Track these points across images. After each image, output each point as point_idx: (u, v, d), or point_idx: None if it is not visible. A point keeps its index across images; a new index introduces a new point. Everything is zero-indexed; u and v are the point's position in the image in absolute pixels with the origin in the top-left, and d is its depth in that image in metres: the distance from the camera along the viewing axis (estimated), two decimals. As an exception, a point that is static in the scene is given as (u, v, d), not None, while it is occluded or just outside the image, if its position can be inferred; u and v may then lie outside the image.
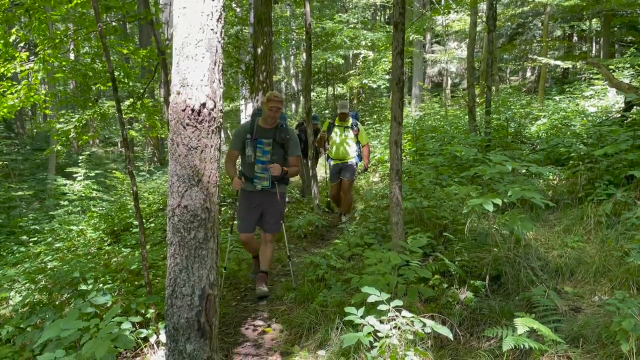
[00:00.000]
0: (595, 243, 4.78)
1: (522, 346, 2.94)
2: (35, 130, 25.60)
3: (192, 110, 1.58)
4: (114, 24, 6.60)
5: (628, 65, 12.07)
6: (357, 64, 19.15)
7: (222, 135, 2.02)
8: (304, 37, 11.70)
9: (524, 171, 6.09)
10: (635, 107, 7.45)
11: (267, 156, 4.76)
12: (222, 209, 8.72)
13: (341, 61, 18.12)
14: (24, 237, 9.09)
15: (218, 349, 1.75)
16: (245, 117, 15.77)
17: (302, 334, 4.01)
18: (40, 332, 3.07)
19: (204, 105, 1.58)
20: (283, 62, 30.01)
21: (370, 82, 16.96)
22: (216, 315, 1.69)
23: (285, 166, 4.88)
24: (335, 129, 7.86)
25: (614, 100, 11.23)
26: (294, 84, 30.18)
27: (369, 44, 17.30)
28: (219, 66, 1.62)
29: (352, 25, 18.80)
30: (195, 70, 1.58)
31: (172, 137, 1.61)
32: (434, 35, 25.35)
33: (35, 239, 8.90)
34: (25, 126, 26.42)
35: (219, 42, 1.62)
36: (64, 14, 7.28)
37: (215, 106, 1.62)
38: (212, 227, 1.64)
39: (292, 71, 29.77)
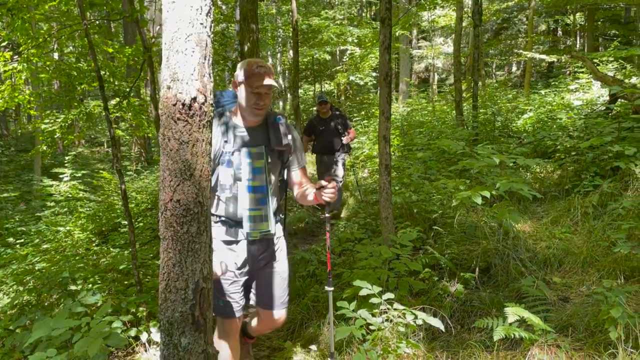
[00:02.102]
0: (582, 234, 4.85)
1: (512, 336, 2.98)
2: (19, 131, 25.30)
3: (183, 104, 1.58)
4: (98, 22, 6.54)
5: (612, 59, 12.21)
6: (344, 60, 19.17)
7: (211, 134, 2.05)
8: (291, 34, 11.69)
9: (511, 164, 6.15)
10: (619, 99, 7.54)
11: (260, 177, 2.68)
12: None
13: (328, 58, 18.12)
14: (11, 239, 8.97)
15: (213, 343, 1.76)
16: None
17: (294, 330, 4.02)
18: (30, 333, 3.05)
19: (194, 99, 1.59)
20: (270, 60, 29.94)
21: (358, 79, 17.00)
22: (210, 308, 1.70)
23: (289, 186, 2.95)
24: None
25: (599, 93, 11.37)
26: (281, 81, 30.12)
27: (356, 41, 17.32)
28: (209, 60, 1.62)
29: (338, 22, 18.82)
30: (186, 65, 1.58)
31: (163, 131, 1.60)
32: (420, 31, 25.45)
33: (22, 240, 8.80)
34: (9, 127, 26.09)
35: (209, 36, 1.62)
36: (47, 12, 7.19)
37: (206, 100, 1.62)
38: (204, 221, 1.64)
39: (279, 68, 29.72)
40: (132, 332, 3.63)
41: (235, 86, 2.65)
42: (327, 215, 2.64)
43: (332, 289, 2.76)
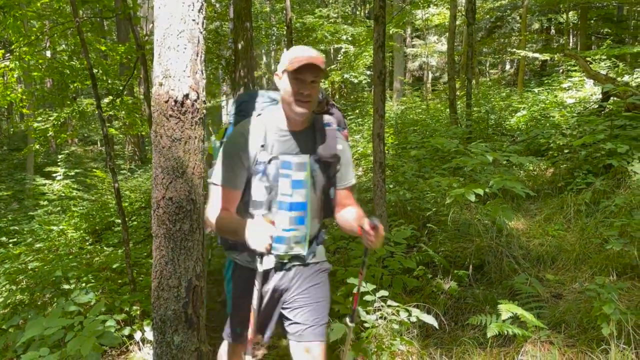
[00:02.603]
0: (575, 231, 4.87)
1: (505, 333, 3.00)
2: (12, 130, 25.13)
3: (175, 101, 1.58)
4: (90, 19, 6.50)
5: (604, 57, 12.26)
6: (338, 58, 19.17)
7: (204, 132, 1.90)
8: (285, 32, 11.68)
9: (504, 162, 6.17)
10: (612, 97, 7.58)
11: (301, 192, 2.23)
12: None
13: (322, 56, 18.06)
14: (3, 238, 8.92)
15: (206, 341, 1.75)
16: (227, 113, 15.31)
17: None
18: (23, 333, 3.03)
19: (187, 96, 1.58)
20: (264, 58, 29.89)
21: (352, 77, 16.98)
22: (203, 306, 1.69)
23: (332, 207, 2.44)
24: None
25: (592, 91, 11.41)
26: (275, 80, 30.06)
27: (350, 39, 17.30)
28: (201, 57, 1.62)
29: (332, 20, 18.78)
30: (178, 61, 1.57)
31: (155, 128, 1.60)
32: (414, 29, 25.46)
33: (15, 239, 8.75)
34: (1, 126, 25.92)
35: (201, 33, 1.62)
36: (39, 9, 7.15)
37: (198, 97, 1.61)
38: (197, 219, 1.64)
39: (273, 67, 29.67)
40: (126, 331, 3.62)
41: (279, 79, 2.21)
42: (364, 259, 2.34)
43: (353, 325, 2.45)
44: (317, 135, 2.26)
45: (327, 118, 2.32)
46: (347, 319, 2.42)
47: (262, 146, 2.16)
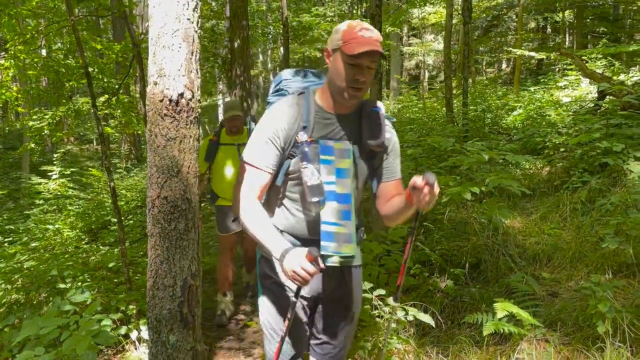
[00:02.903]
0: (571, 230, 4.89)
1: (502, 331, 3.00)
2: (7, 129, 25.03)
3: (170, 100, 1.57)
4: (86, 17, 6.48)
5: (600, 56, 12.29)
6: (335, 57, 19.13)
7: (200, 130, 1.82)
8: (281, 31, 11.66)
9: (500, 161, 6.18)
10: (607, 96, 7.60)
11: (344, 183, 1.99)
12: (202, 204, 8.66)
13: (319, 55, 18.08)
14: (-1, 238, 8.89)
15: (201, 340, 1.75)
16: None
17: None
18: (18, 332, 3.02)
19: (181, 95, 1.57)
20: (260, 57, 29.84)
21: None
22: (198, 305, 1.69)
23: (376, 202, 2.19)
24: (222, 150, 4.49)
25: (587, 90, 11.44)
26: (271, 78, 30.06)
27: (346, 37, 17.28)
28: (196, 56, 1.61)
29: (329, 19, 18.78)
30: (172, 60, 1.56)
31: (150, 128, 1.59)
32: (411, 28, 25.46)
33: (11, 239, 8.72)
34: (-4, 125, 25.81)
35: (196, 31, 1.61)
36: (34, 8, 7.12)
37: (193, 96, 1.61)
38: (192, 218, 1.63)
39: (269, 65, 29.64)
40: (122, 330, 3.61)
41: (328, 55, 1.94)
42: (414, 224, 2.02)
43: (397, 304, 2.20)
44: (363, 121, 2.01)
45: (375, 101, 2.06)
46: (392, 299, 2.16)
47: (304, 128, 1.93)
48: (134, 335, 3.63)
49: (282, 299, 2.01)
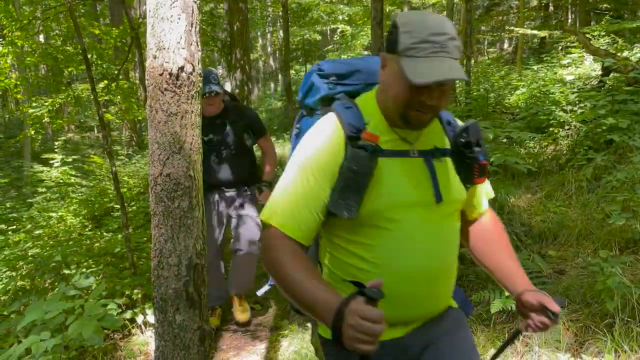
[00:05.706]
0: (576, 207, 4.85)
1: (509, 308, 2.98)
2: (7, 117, 24.96)
3: (170, 74, 1.52)
4: (82, 0, 6.40)
5: (603, 33, 12.12)
6: (335, 39, 18.98)
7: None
8: (281, 13, 11.53)
9: (504, 140, 6.12)
10: (612, 72, 7.50)
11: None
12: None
13: (319, 37, 17.92)
14: (2, 226, 8.87)
15: (208, 320, 1.73)
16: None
17: (291, 309, 4.00)
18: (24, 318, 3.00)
19: (182, 68, 1.52)
20: (260, 40, 29.62)
21: (350, 57, 16.84)
22: (204, 285, 1.66)
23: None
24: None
25: (591, 67, 11.31)
26: (271, 62, 29.87)
27: (346, 18, 17.13)
28: (195, 28, 1.56)
29: (328, 0, 18.57)
30: (172, 32, 1.51)
31: (150, 103, 1.55)
32: (411, 7, 25.19)
33: (14, 227, 8.71)
34: (-4, 114, 25.72)
35: (195, 2, 1.56)
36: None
37: (194, 70, 1.56)
38: (196, 196, 1.59)
39: (269, 49, 29.42)
40: (128, 315, 3.61)
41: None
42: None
43: None
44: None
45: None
46: None
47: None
48: (139, 319, 3.63)
49: None
